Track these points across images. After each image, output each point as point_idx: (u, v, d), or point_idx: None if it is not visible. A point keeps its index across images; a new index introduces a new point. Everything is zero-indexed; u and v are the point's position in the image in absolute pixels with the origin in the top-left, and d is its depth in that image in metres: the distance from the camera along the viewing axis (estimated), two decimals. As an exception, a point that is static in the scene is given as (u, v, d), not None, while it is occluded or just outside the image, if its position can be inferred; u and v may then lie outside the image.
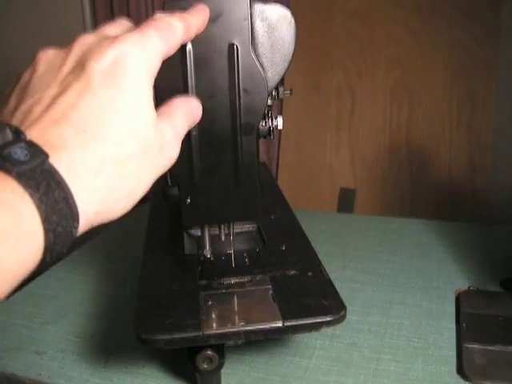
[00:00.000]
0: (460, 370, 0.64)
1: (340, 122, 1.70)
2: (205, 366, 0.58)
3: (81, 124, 0.34)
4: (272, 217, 0.80)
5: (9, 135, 0.32)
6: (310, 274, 0.63)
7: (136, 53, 0.37)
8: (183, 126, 0.44)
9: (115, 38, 0.38)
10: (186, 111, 0.45)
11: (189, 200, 0.55)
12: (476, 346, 0.67)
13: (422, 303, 0.78)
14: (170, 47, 0.41)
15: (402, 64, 1.62)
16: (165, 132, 0.40)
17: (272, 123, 0.60)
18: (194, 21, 0.44)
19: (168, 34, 0.40)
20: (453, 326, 0.73)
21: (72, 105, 0.35)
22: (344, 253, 0.91)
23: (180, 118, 0.43)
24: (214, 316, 0.56)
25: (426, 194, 1.63)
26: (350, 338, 0.71)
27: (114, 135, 0.35)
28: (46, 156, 0.32)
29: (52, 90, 0.36)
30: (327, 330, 0.72)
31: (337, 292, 0.60)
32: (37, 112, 0.35)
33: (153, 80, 0.39)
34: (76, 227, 0.33)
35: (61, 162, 0.32)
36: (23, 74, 0.39)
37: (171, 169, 0.55)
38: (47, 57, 0.39)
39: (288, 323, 0.55)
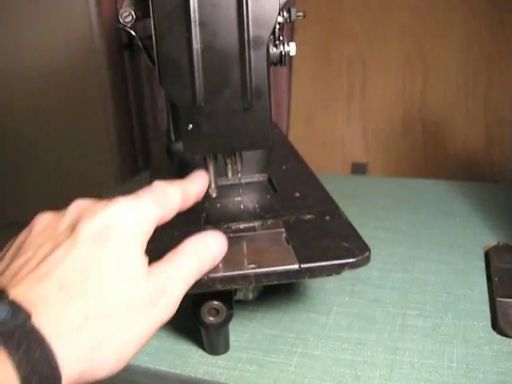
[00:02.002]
0: (495, 325, 0.58)
1: (351, 95, 1.64)
2: (211, 319, 0.52)
3: (63, 280, 0.34)
4: (284, 167, 0.73)
5: None
6: (327, 217, 0.57)
7: (128, 216, 0.38)
8: (190, 271, 0.41)
9: (110, 201, 0.39)
10: (199, 252, 0.43)
11: (191, 126, 0.48)
12: (510, 300, 0.61)
13: (449, 259, 0.71)
14: (166, 213, 0.42)
15: (415, 33, 1.55)
16: (158, 284, 0.38)
17: (284, 48, 0.54)
18: (193, 188, 0.46)
19: (164, 200, 0.42)
20: (483, 280, 0.66)
21: (57, 263, 0.35)
22: (361, 212, 0.85)
23: (186, 264, 0.41)
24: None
25: (440, 168, 1.56)
26: (371, 293, 0.64)
27: (97, 290, 0.35)
28: (28, 316, 0.31)
29: (44, 249, 0.37)
30: (346, 286, 0.66)
31: (358, 234, 0.53)
32: (24, 272, 0.35)
33: (145, 242, 0.39)
34: None
35: (42, 319, 0.32)
36: (20, 234, 0.41)
37: (171, 93, 0.49)
38: (43, 219, 0.40)
39: (305, 265, 0.48)
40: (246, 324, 0.60)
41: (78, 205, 0.41)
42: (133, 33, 0.56)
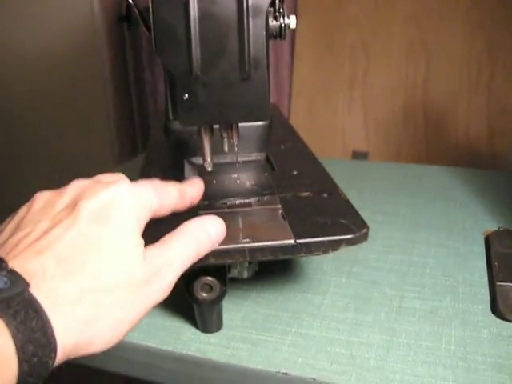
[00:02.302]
0: (494, 309, 0.57)
1: (353, 83, 1.62)
2: (204, 295, 0.51)
3: (62, 255, 0.35)
4: (282, 146, 0.72)
5: None
6: (325, 195, 0.56)
7: (127, 196, 0.39)
8: (186, 253, 0.42)
9: (110, 182, 0.40)
10: (196, 234, 0.43)
11: (186, 95, 0.47)
12: (510, 284, 0.60)
13: (448, 243, 0.70)
14: (163, 204, 0.43)
15: (419, 21, 1.53)
16: (153, 265, 0.39)
17: (284, 21, 0.53)
18: (189, 190, 0.47)
19: (162, 193, 0.43)
20: (483, 265, 0.65)
21: (57, 238, 0.36)
22: (361, 196, 0.83)
23: (182, 246, 0.41)
24: None
25: (442, 157, 1.55)
26: (368, 275, 0.63)
27: (95, 266, 0.35)
28: (27, 284, 0.32)
29: (43, 225, 0.37)
30: (343, 267, 0.65)
31: (357, 212, 0.52)
32: (24, 244, 0.36)
33: (142, 225, 0.40)
34: (52, 358, 0.32)
35: (40, 291, 0.32)
36: (20, 210, 0.41)
37: (167, 62, 0.48)
38: (43, 196, 0.41)
39: (301, 241, 0.47)
40: (241, 303, 0.59)
41: (78, 184, 0.41)
42: (131, 1, 0.55)
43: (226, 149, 0.54)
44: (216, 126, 0.54)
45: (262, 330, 0.54)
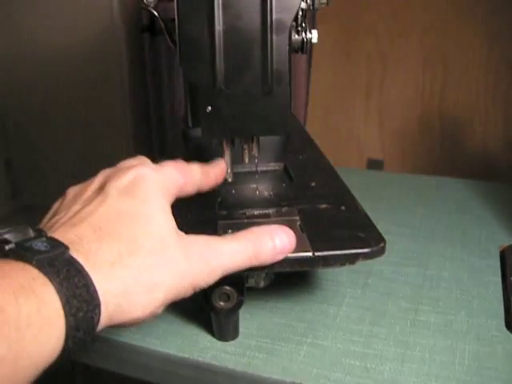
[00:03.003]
0: (509, 324, 0.57)
1: (370, 91, 1.62)
2: (221, 304, 0.51)
3: (97, 224, 0.37)
4: (300, 157, 0.72)
5: (30, 233, 0.35)
6: (343, 208, 0.56)
7: (152, 174, 0.41)
8: (239, 249, 0.43)
9: (134, 165, 0.43)
10: (260, 239, 0.44)
11: (210, 108, 0.48)
12: (525, 300, 0.60)
13: (463, 256, 0.70)
14: (188, 181, 0.45)
15: (437, 30, 1.53)
16: (190, 241, 0.41)
17: (306, 35, 0.53)
18: (212, 169, 0.49)
19: (185, 170, 0.45)
20: (498, 279, 0.65)
21: (91, 212, 0.38)
22: (376, 206, 0.83)
23: (238, 241, 0.43)
24: None
25: (457, 168, 1.54)
26: (384, 287, 0.64)
27: (129, 233, 0.37)
28: (66, 247, 0.34)
29: (76, 207, 0.40)
30: (358, 279, 0.65)
31: (374, 225, 0.52)
32: (59, 223, 0.38)
33: (169, 200, 0.42)
34: (97, 314, 0.33)
35: (79, 254, 0.34)
36: (53, 204, 0.44)
37: (191, 75, 0.49)
38: (74, 189, 0.44)
39: (319, 253, 0.48)
40: (257, 312, 0.59)
41: (104, 172, 0.44)
42: (155, 13, 0.55)
43: (246, 160, 0.55)
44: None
45: (278, 339, 0.55)
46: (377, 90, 1.61)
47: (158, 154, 1.63)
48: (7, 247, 0.33)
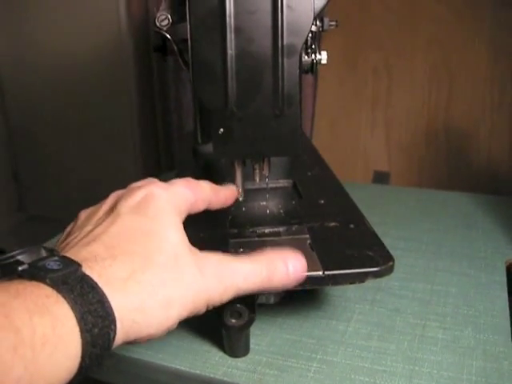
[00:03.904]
0: (516, 340, 0.57)
1: (376, 103, 1.63)
2: (233, 321, 0.52)
3: (109, 242, 0.37)
4: (309, 173, 0.73)
5: (43, 253, 0.35)
6: (351, 226, 0.57)
7: (163, 193, 0.42)
8: (252, 270, 0.43)
9: (145, 184, 0.43)
10: (274, 262, 0.45)
11: (222, 130, 0.49)
12: (532, 316, 0.61)
13: (470, 271, 0.71)
14: (198, 198, 0.45)
15: (443, 43, 1.54)
16: (205, 258, 0.42)
17: (315, 57, 0.54)
18: (223, 191, 0.50)
19: (196, 188, 0.46)
20: (504, 295, 0.66)
21: (103, 232, 0.38)
22: (383, 221, 0.84)
23: (252, 262, 0.44)
24: None
25: (463, 180, 1.55)
26: (392, 303, 0.64)
27: (142, 250, 0.38)
28: (79, 265, 0.34)
29: (88, 228, 0.40)
30: (367, 295, 0.66)
31: (383, 243, 0.53)
32: (72, 243, 0.39)
33: (181, 217, 0.43)
34: (113, 330, 0.33)
35: (92, 271, 0.34)
36: (67, 227, 0.45)
37: (203, 97, 0.50)
38: (86, 211, 0.45)
39: (329, 272, 0.48)
40: (267, 328, 0.60)
41: (114, 194, 0.45)
42: (169, 36, 0.57)
43: (257, 180, 0.56)
44: (248, 158, 0.56)
45: (288, 355, 0.56)
46: (383, 102, 1.62)
47: (165, 168, 1.64)
48: (20, 268, 0.33)
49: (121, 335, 0.35)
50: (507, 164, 1.48)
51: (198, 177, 0.77)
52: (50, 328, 0.30)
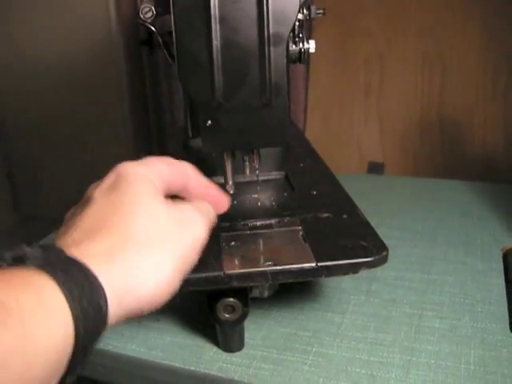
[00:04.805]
0: (513, 328, 0.57)
1: (369, 94, 1.62)
2: (226, 316, 0.51)
3: (87, 226, 0.37)
4: (301, 165, 0.73)
5: (25, 248, 0.34)
6: (344, 216, 0.56)
7: (132, 166, 0.41)
8: (207, 211, 0.45)
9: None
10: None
11: (210, 122, 0.48)
12: (530, 303, 0.60)
13: (466, 260, 0.71)
14: (173, 172, 0.44)
15: (434, 32, 1.53)
16: (184, 209, 0.42)
17: (303, 45, 0.53)
18: (214, 189, 0.49)
19: (170, 161, 0.44)
20: (501, 282, 0.65)
21: (79, 219, 0.38)
22: (377, 211, 0.84)
23: (203, 204, 0.45)
24: (237, 256, 0.50)
25: (458, 169, 1.54)
26: (387, 294, 0.64)
27: (118, 224, 0.37)
28: (60, 250, 0.34)
29: (69, 223, 0.40)
30: (362, 286, 0.65)
31: (376, 233, 0.53)
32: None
33: (157, 187, 0.41)
34: (104, 299, 0.33)
35: (73, 253, 0.34)
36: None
37: (190, 89, 0.49)
38: (70, 211, 0.44)
39: (322, 264, 0.48)
40: (261, 322, 0.59)
41: (92, 185, 0.44)
42: (153, 28, 0.56)
43: (247, 172, 0.55)
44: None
45: (283, 349, 0.55)
46: (375, 92, 1.61)
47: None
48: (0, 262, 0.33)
49: (116, 305, 0.34)
50: (501, 152, 1.47)
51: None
52: (37, 302, 0.29)
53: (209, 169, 0.67)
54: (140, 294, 0.36)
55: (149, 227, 0.38)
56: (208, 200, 0.47)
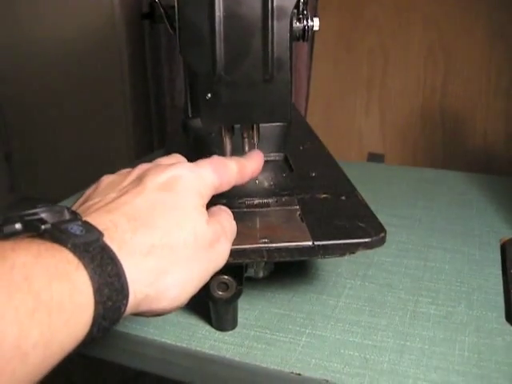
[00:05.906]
0: (509, 317, 0.57)
1: (371, 85, 1.61)
2: (220, 293, 0.51)
3: (132, 214, 0.36)
4: (301, 147, 0.72)
5: (66, 215, 0.34)
6: (343, 197, 0.56)
7: (189, 175, 0.41)
8: (230, 229, 0.44)
9: (172, 163, 0.42)
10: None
11: (209, 95, 0.47)
12: (526, 292, 0.59)
13: (464, 249, 0.70)
14: (223, 181, 0.44)
15: (439, 25, 1.52)
16: (216, 229, 0.41)
17: (307, 23, 0.53)
18: (250, 165, 0.47)
19: (222, 170, 0.44)
20: (498, 272, 0.65)
21: (126, 202, 0.37)
22: (376, 198, 0.82)
23: (227, 220, 0.45)
24: None
25: (458, 161, 1.54)
26: (383, 279, 0.63)
27: (164, 225, 0.37)
28: (101, 234, 0.33)
29: (111, 195, 0.39)
30: (358, 270, 0.65)
31: (374, 215, 0.52)
32: (94, 208, 0.38)
33: (204, 201, 0.42)
34: (125, 305, 0.33)
35: (112, 241, 0.33)
36: (87, 190, 0.43)
37: (190, 60, 0.48)
38: (109, 177, 0.43)
39: (319, 243, 0.47)
40: (255, 302, 0.59)
41: (142, 166, 0.44)
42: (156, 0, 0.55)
43: (246, 149, 0.54)
44: (237, 126, 0.54)
45: (277, 330, 0.55)
46: (378, 83, 1.60)
47: (157, 146, 1.63)
48: (43, 227, 0.32)
49: (130, 309, 0.34)
50: (502, 144, 1.47)
51: (186, 152, 0.76)
52: (68, 295, 0.29)
53: (207, 148, 0.66)
54: (156, 307, 0.36)
55: (188, 243, 0.38)
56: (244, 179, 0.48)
